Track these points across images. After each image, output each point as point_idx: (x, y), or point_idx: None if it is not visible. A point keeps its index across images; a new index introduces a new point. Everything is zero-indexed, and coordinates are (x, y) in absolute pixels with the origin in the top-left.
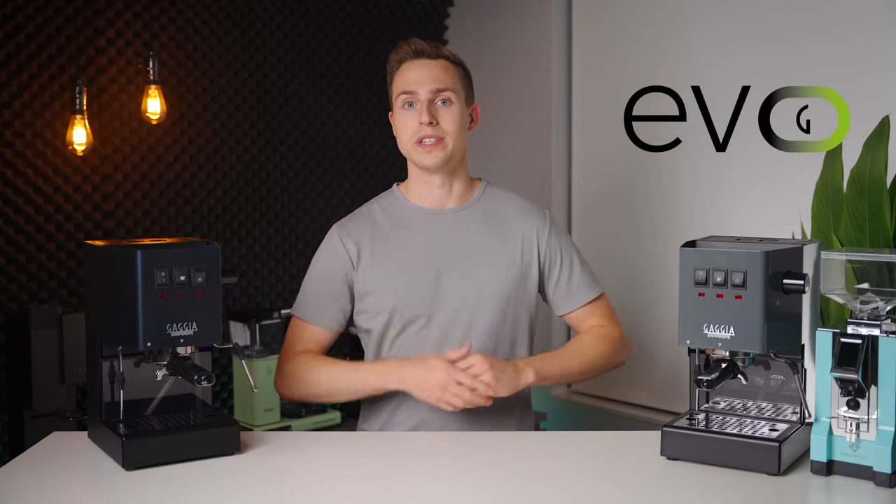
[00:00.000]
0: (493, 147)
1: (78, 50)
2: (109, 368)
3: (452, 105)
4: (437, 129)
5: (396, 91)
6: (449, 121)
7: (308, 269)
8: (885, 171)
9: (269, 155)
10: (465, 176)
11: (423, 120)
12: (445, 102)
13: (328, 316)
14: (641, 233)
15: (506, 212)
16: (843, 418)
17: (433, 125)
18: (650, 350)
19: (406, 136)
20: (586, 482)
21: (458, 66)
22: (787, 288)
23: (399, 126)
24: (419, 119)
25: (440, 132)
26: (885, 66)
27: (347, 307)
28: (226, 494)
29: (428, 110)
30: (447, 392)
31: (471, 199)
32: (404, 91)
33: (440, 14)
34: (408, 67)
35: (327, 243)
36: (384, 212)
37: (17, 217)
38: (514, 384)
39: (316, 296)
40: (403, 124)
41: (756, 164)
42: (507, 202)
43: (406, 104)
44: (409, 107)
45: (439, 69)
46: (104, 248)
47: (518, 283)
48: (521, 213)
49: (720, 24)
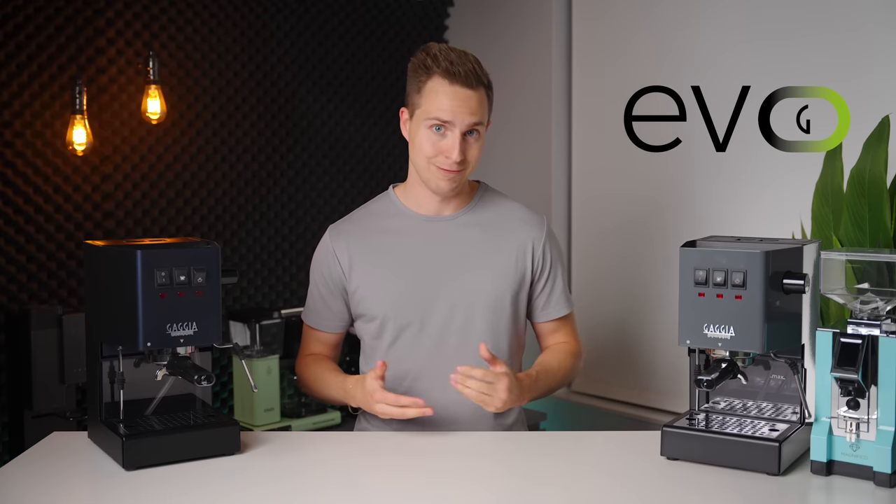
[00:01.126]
0: (492, 147)
1: (78, 50)
2: (109, 368)
3: (480, 137)
4: (462, 162)
5: (426, 111)
6: (474, 153)
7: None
8: (885, 171)
9: (269, 155)
10: (465, 183)
11: (454, 157)
12: (474, 133)
13: (327, 320)
14: (641, 232)
15: (503, 219)
16: (843, 418)
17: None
18: (650, 350)
19: (425, 155)
20: (586, 482)
21: (490, 90)
22: (787, 288)
23: (419, 143)
24: (449, 153)
25: (464, 165)
26: (884, 66)
27: (345, 310)
28: (226, 494)
29: (461, 147)
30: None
31: (467, 206)
32: (437, 118)
33: (440, 14)
34: (445, 91)
35: (320, 249)
36: (379, 216)
37: (17, 217)
38: (515, 405)
39: (315, 301)
40: (426, 145)
41: (756, 164)
42: (504, 208)
43: (435, 128)
44: (438, 130)
45: (477, 102)
46: (104, 248)
47: (512, 290)
48: (519, 220)
49: (720, 24)
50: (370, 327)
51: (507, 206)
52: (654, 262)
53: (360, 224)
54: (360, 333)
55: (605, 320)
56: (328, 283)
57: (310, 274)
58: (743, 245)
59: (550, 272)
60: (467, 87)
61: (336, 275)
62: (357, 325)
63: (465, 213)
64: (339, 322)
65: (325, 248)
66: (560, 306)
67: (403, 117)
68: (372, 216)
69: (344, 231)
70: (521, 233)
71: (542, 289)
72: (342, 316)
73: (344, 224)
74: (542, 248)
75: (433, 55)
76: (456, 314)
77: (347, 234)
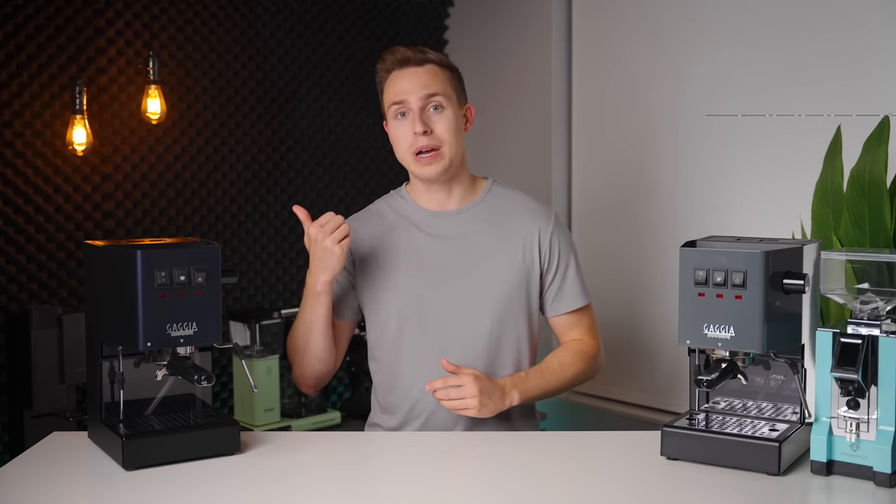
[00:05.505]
0: (493, 147)
1: (78, 50)
2: (109, 368)
3: (445, 110)
4: (432, 137)
5: (387, 102)
6: (443, 127)
7: None
8: (885, 171)
9: (269, 155)
10: (466, 177)
11: (416, 130)
12: (437, 108)
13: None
14: (642, 232)
15: (510, 211)
16: (843, 418)
17: (427, 134)
18: (650, 350)
19: (403, 147)
20: (586, 482)
21: (446, 68)
22: (787, 288)
23: (395, 137)
24: (413, 129)
25: (436, 141)
26: (884, 66)
27: (354, 302)
28: (226, 494)
29: (421, 119)
30: (319, 236)
31: (473, 200)
32: (395, 101)
33: (440, 14)
34: (396, 77)
35: None
36: (390, 212)
37: (17, 217)
38: (500, 407)
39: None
40: (398, 135)
41: (756, 163)
42: (512, 201)
43: (398, 114)
44: (402, 117)
45: (427, 75)
46: (104, 248)
47: (520, 283)
48: (526, 212)
49: (719, 24)
50: (377, 322)
51: (513, 198)
52: (654, 262)
53: (368, 221)
54: (367, 328)
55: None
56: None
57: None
58: (743, 245)
59: (560, 263)
60: (415, 65)
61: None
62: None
63: (472, 207)
64: (349, 310)
65: None
66: (572, 299)
67: (386, 129)
68: (381, 213)
69: (355, 225)
70: (527, 224)
71: (552, 280)
72: (352, 304)
73: (353, 220)
74: (550, 238)
75: (384, 57)
76: (463, 308)
77: (356, 230)
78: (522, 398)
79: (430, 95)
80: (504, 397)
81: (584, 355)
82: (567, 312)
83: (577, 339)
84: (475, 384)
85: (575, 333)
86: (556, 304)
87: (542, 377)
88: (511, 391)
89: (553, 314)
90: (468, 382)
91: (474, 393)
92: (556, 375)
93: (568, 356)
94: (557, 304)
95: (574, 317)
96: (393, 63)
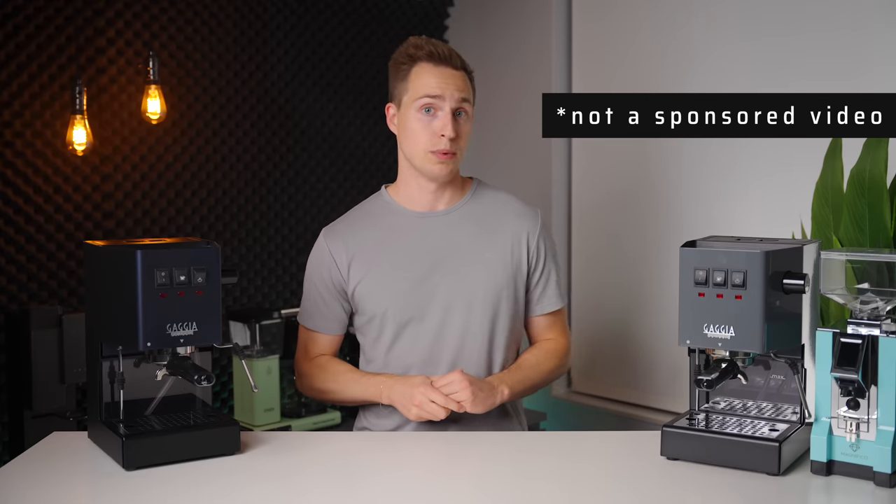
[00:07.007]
0: (492, 147)
1: (78, 50)
2: (109, 368)
3: (468, 118)
4: (454, 143)
5: (414, 93)
6: (464, 135)
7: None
8: (885, 171)
9: (268, 155)
10: (458, 178)
11: (447, 133)
12: (462, 115)
13: (329, 322)
14: (641, 232)
15: (497, 212)
16: (843, 418)
17: (454, 140)
18: (650, 350)
19: (420, 143)
20: (586, 482)
21: (471, 77)
22: (787, 288)
23: (413, 130)
24: (442, 130)
25: (457, 147)
26: (884, 66)
27: (343, 312)
28: (226, 494)
29: (453, 123)
30: (423, 410)
31: (460, 201)
32: (428, 95)
33: (440, 14)
34: (429, 72)
35: (316, 250)
36: (373, 215)
37: (17, 217)
38: (491, 402)
39: (314, 304)
40: (419, 129)
41: (756, 163)
42: (498, 202)
43: (424, 109)
44: (428, 112)
45: (462, 80)
46: (104, 248)
47: (509, 284)
48: (513, 213)
49: (720, 23)
50: (370, 326)
51: (500, 199)
52: (655, 261)
53: (354, 224)
54: (360, 332)
55: (606, 320)
56: (327, 286)
57: (305, 277)
58: (743, 245)
59: (545, 265)
60: (452, 67)
61: (335, 277)
62: (357, 324)
63: (459, 207)
64: (339, 324)
65: (321, 251)
66: (553, 300)
67: (390, 113)
68: (366, 216)
69: (339, 232)
70: (515, 225)
71: (537, 281)
72: (342, 317)
73: (338, 225)
74: (537, 240)
75: (414, 45)
76: (454, 309)
77: (343, 235)
78: (511, 393)
79: (464, 100)
80: (494, 392)
81: (556, 352)
82: (547, 313)
83: (550, 339)
84: (463, 377)
85: (551, 333)
86: (539, 304)
87: (525, 373)
88: (500, 386)
89: (535, 314)
90: (456, 377)
91: (464, 385)
92: (537, 371)
93: (541, 353)
94: (540, 305)
95: (552, 317)
96: (426, 56)
